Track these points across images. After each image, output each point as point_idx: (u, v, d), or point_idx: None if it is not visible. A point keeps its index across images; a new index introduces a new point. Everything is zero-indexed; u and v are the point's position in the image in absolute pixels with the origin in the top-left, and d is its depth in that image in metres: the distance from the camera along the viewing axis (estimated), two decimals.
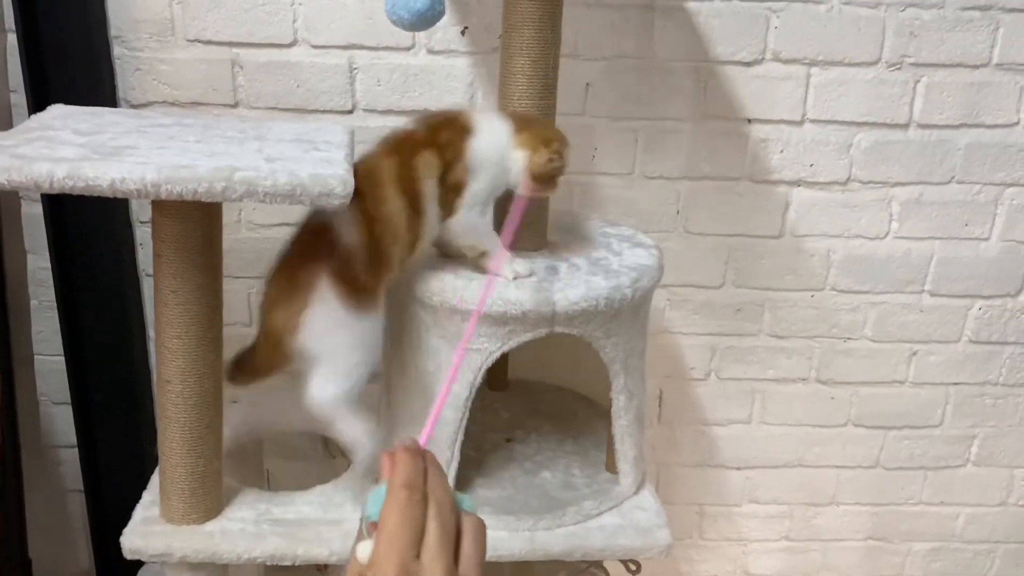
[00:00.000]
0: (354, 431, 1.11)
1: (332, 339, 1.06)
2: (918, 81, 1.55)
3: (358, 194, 1.01)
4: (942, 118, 1.57)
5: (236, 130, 1.14)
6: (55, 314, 1.59)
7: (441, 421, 1.18)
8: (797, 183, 1.61)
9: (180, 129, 1.11)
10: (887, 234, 1.65)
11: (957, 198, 1.63)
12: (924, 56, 1.53)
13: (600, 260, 1.23)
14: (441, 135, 1.12)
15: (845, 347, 1.73)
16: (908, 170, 1.60)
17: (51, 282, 1.57)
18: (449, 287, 1.13)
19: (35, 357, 1.66)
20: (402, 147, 1.11)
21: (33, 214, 1.55)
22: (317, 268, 1.03)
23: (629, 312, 1.19)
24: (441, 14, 1.18)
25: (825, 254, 1.66)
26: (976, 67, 1.55)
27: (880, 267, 1.67)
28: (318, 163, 1.00)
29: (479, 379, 1.16)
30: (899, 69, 1.54)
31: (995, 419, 1.80)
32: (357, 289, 1.05)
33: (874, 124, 1.57)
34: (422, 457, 0.62)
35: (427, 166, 1.09)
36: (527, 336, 1.14)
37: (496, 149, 1.12)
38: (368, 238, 1.05)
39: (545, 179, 1.13)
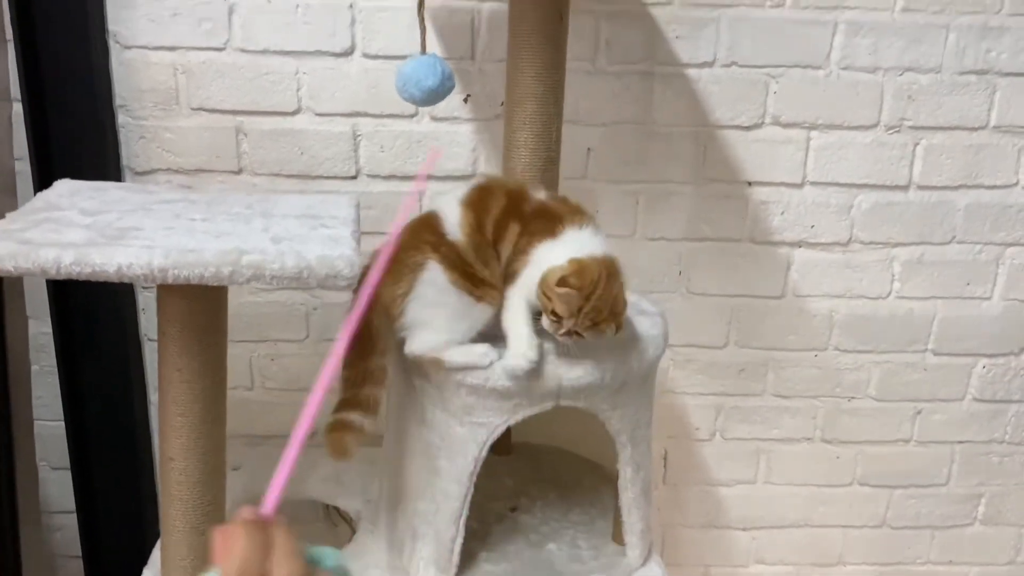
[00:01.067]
0: (468, 358, 1.11)
1: (435, 310, 1.09)
2: (917, 143, 1.56)
3: (473, 204, 1.09)
4: (941, 179, 1.58)
5: (242, 205, 1.14)
6: (56, 379, 1.58)
7: (444, 495, 1.17)
8: (798, 244, 1.61)
9: (186, 206, 1.11)
10: (889, 294, 1.65)
11: (958, 258, 1.63)
12: (922, 119, 1.55)
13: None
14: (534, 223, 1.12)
15: (849, 406, 1.73)
16: (909, 230, 1.61)
17: (52, 347, 1.57)
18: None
19: (35, 422, 1.65)
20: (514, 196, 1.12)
21: (35, 279, 1.55)
22: (424, 250, 1.09)
23: (635, 384, 1.19)
24: (451, 90, 1.20)
25: (828, 314, 1.66)
26: (974, 129, 1.56)
27: (883, 327, 1.67)
28: (325, 242, 1.00)
29: (484, 453, 1.15)
30: (898, 132, 1.55)
31: (1002, 477, 1.79)
32: (466, 275, 1.09)
33: (874, 186, 1.58)
34: (263, 531, 0.53)
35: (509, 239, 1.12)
36: (532, 410, 1.14)
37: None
38: (478, 239, 1.10)
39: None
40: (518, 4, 1.16)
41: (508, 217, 1.11)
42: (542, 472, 1.50)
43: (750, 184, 1.57)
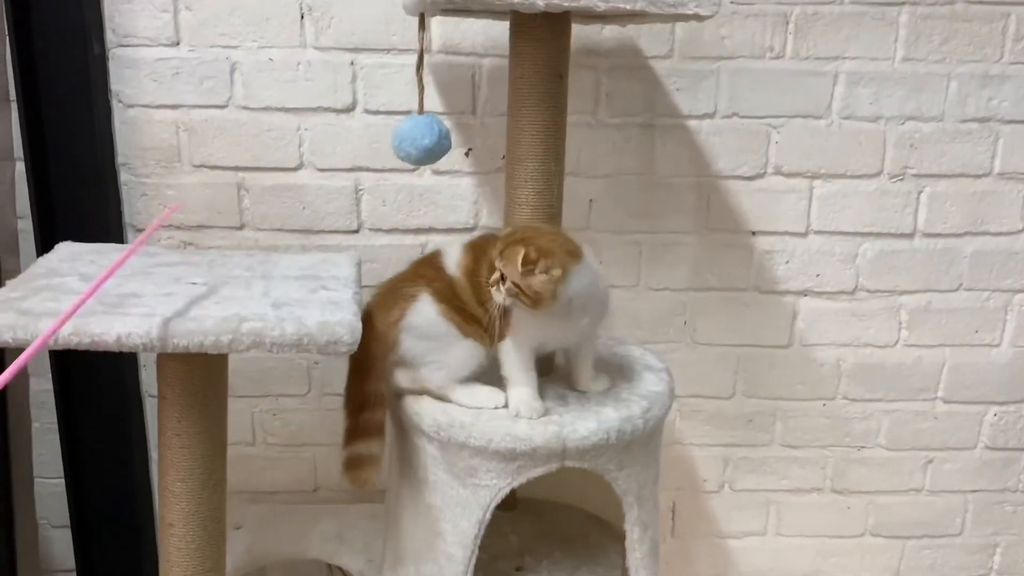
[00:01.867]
0: (475, 400, 1.14)
1: (428, 344, 1.13)
2: (921, 191, 1.56)
3: (474, 248, 1.13)
4: (947, 227, 1.58)
5: (243, 267, 1.14)
6: (56, 436, 1.57)
7: (448, 559, 1.15)
8: (804, 293, 1.60)
9: (186, 269, 1.11)
10: (897, 342, 1.64)
11: (966, 305, 1.62)
12: (926, 167, 1.54)
13: (610, 388, 1.21)
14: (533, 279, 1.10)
15: (859, 456, 1.70)
16: (915, 278, 1.60)
17: (53, 404, 1.56)
18: (456, 422, 1.11)
19: (35, 480, 1.63)
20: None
21: None
22: (420, 283, 1.14)
23: (641, 442, 1.17)
24: (447, 149, 1.20)
25: (835, 363, 1.64)
26: (978, 176, 1.55)
27: (891, 375, 1.65)
28: (326, 307, 0.99)
29: (488, 516, 1.13)
30: (902, 180, 1.55)
31: (1016, 527, 1.76)
32: (456, 309, 1.12)
33: (879, 234, 1.57)
34: None
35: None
36: (537, 471, 1.12)
37: None
38: (474, 280, 1.12)
39: None
40: (518, 64, 1.17)
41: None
42: (547, 529, 1.47)
43: (754, 233, 1.56)
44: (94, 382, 1.55)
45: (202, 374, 1.04)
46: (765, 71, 1.48)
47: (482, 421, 1.11)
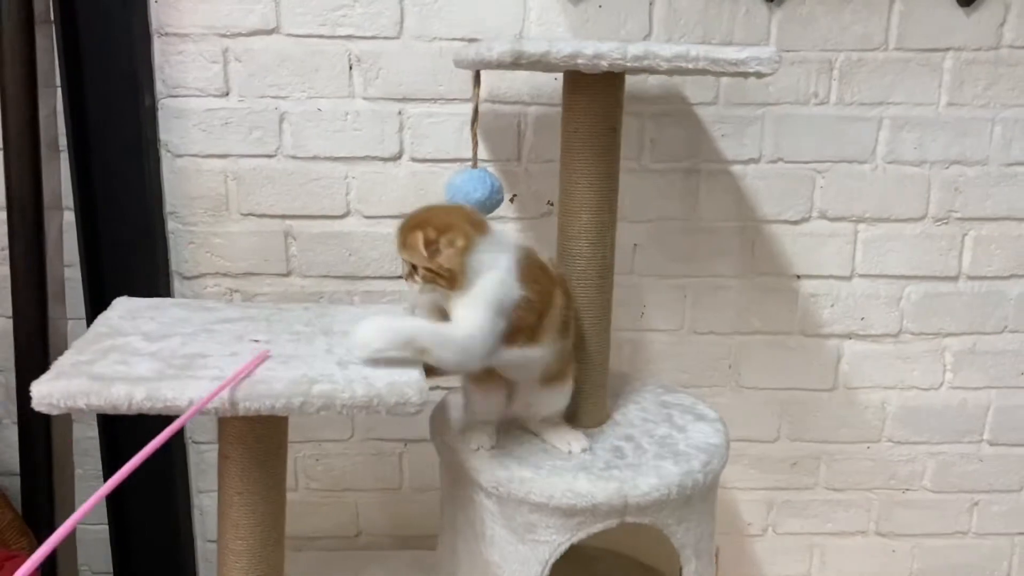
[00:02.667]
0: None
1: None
2: (965, 234, 1.55)
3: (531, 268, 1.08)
4: (991, 270, 1.57)
5: (302, 322, 1.14)
6: (99, 483, 1.57)
7: None
8: (849, 336, 1.59)
9: (247, 324, 1.11)
10: (942, 384, 1.63)
11: (1011, 347, 1.61)
12: (970, 210, 1.54)
13: (666, 439, 1.21)
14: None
15: (904, 498, 1.69)
16: (960, 321, 1.59)
17: (96, 451, 1.56)
18: (516, 478, 1.11)
19: (77, 526, 1.63)
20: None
21: None
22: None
23: (700, 496, 1.16)
24: (499, 203, 1.20)
25: (880, 405, 1.63)
26: (1023, 220, 1.55)
27: (936, 417, 1.64)
28: (391, 366, 0.99)
29: (547, 571, 1.13)
30: (946, 223, 1.54)
31: None
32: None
33: (924, 277, 1.57)
34: None
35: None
36: (597, 527, 1.11)
37: None
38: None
39: None
40: (571, 117, 1.17)
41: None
42: None
43: (799, 277, 1.56)
44: (138, 428, 1.54)
45: (265, 432, 1.04)
46: (810, 117, 1.49)
47: (541, 477, 1.10)
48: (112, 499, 1.55)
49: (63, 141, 1.44)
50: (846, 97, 1.48)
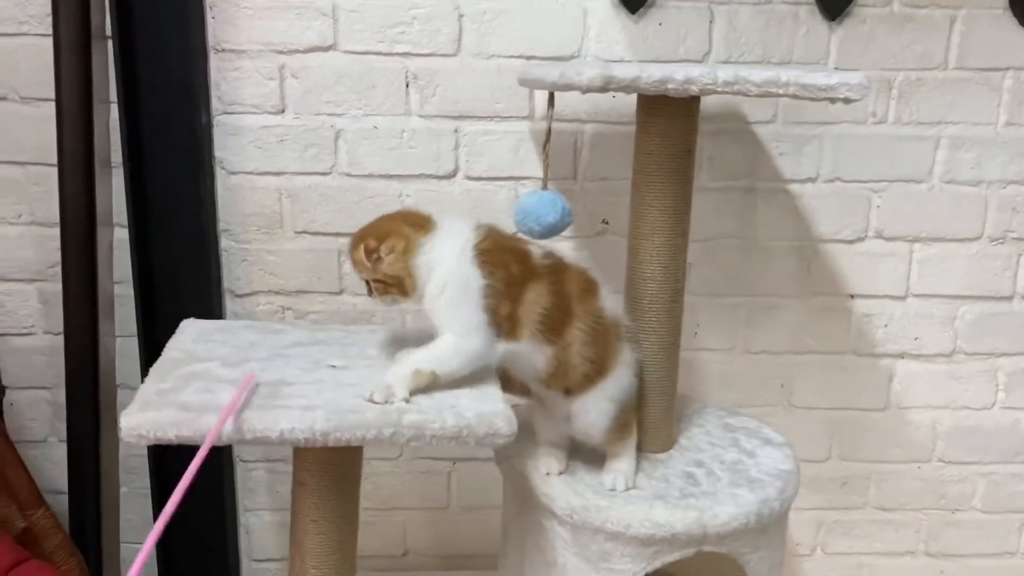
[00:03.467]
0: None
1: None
2: (1021, 254, 1.55)
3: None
4: None
5: (374, 346, 1.12)
6: (145, 501, 1.56)
7: None
8: (901, 356, 1.58)
9: (321, 350, 1.09)
10: (994, 404, 1.62)
11: None
12: None
13: (737, 465, 1.20)
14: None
15: (954, 519, 1.68)
16: (1014, 341, 1.58)
17: (143, 469, 1.54)
18: (592, 506, 1.09)
19: (122, 544, 1.61)
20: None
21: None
22: None
23: (775, 523, 1.15)
24: (568, 225, 1.19)
25: (931, 425, 1.62)
26: None
27: (988, 438, 1.63)
28: (475, 396, 0.97)
29: None
30: (1002, 243, 1.54)
31: None
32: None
33: (978, 297, 1.56)
34: None
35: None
36: (673, 556, 1.10)
37: None
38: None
39: None
40: (646, 140, 1.16)
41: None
42: None
43: (852, 297, 1.55)
44: (186, 446, 1.53)
45: (342, 460, 1.03)
46: (868, 136, 1.48)
47: (618, 505, 1.09)
48: (156, 514, 1.53)
49: (115, 157, 1.42)
50: (904, 116, 1.47)
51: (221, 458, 1.55)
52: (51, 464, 1.57)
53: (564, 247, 1.50)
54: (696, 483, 1.15)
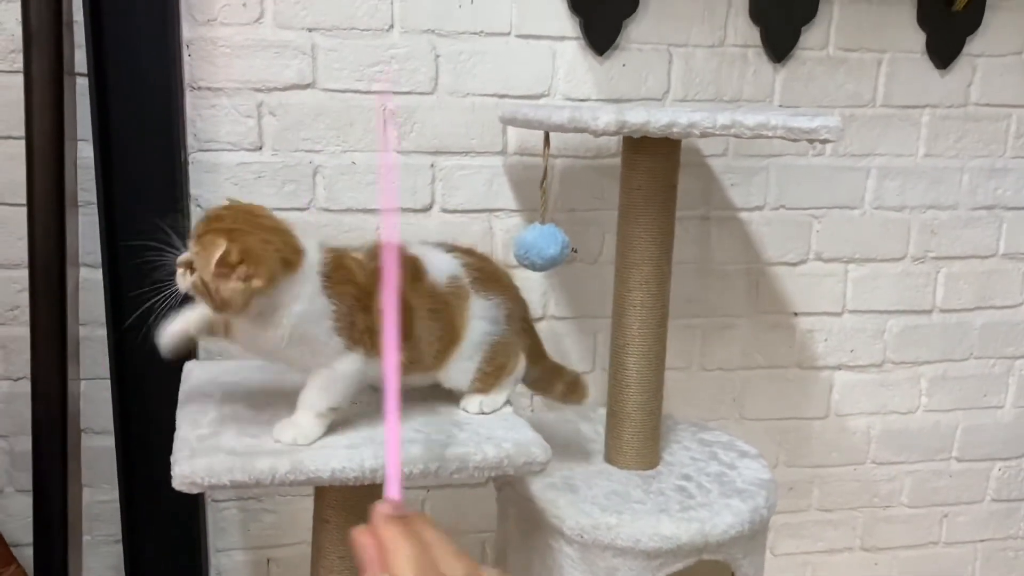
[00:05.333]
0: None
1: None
2: (939, 272, 1.71)
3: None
4: (960, 303, 1.74)
5: None
6: (110, 549, 1.51)
7: None
8: (839, 367, 1.72)
9: None
10: (918, 408, 1.78)
11: (976, 372, 1.78)
12: (943, 250, 1.70)
13: (722, 477, 1.29)
14: None
15: (885, 515, 1.83)
16: (933, 350, 1.75)
17: (108, 516, 1.50)
18: (601, 524, 1.15)
19: None
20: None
21: (96, 447, 1.49)
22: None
23: (762, 530, 1.24)
24: (566, 257, 1.25)
25: (865, 430, 1.77)
26: (986, 257, 1.72)
27: (913, 438, 1.79)
28: (509, 427, 1.02)
29: None
30: (923, 262, 1.70)
31: (1018, 571, 1.92)
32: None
33: (903, 311, 1.72)
34: (413, 527, 0.50)
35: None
36: (676, 566, 1.17)
37: None
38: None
39: None
40: (633, 175, 1.23)
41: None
42: None
43: (796, 314, 1.68)
44: (156, 492, 1.49)
45: (364, 496, 1.04)
46: (808, 167, 1.61)
47: (626, 522, 1.15)
48: (127, 557, 1.49)
49: (83, 195, 1.39)
50: (840, 149, 1.61)
51: (192, 497, 1.52)
52: (8, 516, 1.50)
53: (535, 276, 1.56)
54: (691, 496, 1.23)
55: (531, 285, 1.56)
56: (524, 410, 1.54)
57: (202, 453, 0.89)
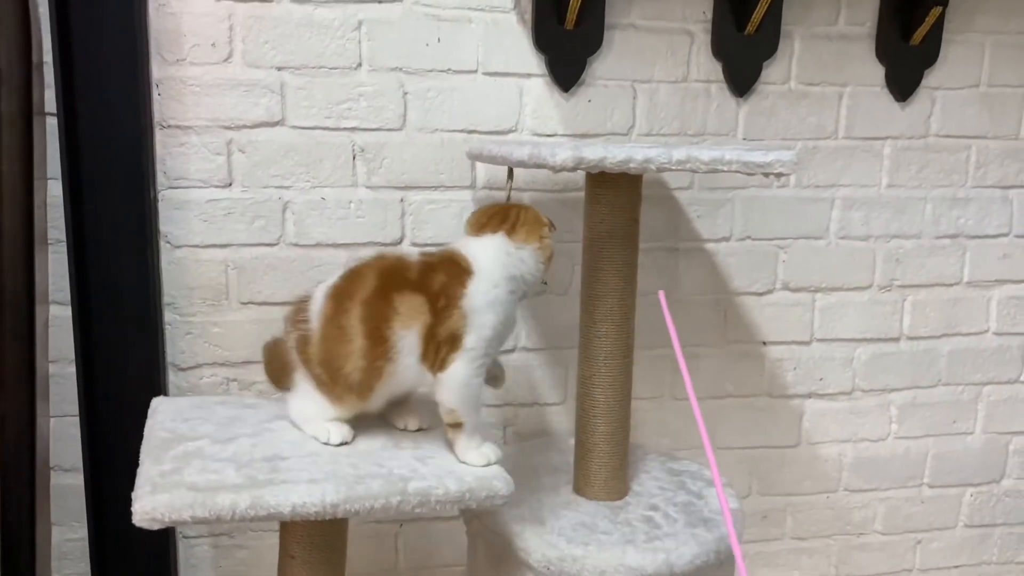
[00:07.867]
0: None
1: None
2: (905, 299, 1.74)
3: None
4: (927, 330, 1.76)
5: None
6: None
7: None
8: (809, 395, 1.74)
9: None
10: (888, 435, 1.80)
11: (945, 399, 1.80)
12: (909, 278, 1.73)
13: (689, 507, 1.29)
14: (435, 279, 1.07)
15: (859, 542, 1.84)
16: (902, 377, 1.77)
17: (76, 555, 1.49)
18: (568, 556, 1.16)
19: None
20: (388, 277, 1.07)
21: (64, 485, 1.49)
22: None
23: (728, 559, 1.25)
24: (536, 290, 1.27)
25: (837, 458, 1.78)
26: (951, 285, 1.75)
27: (885, 465, 1.81)
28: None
29: None
30: (889, 291, 1.73)
31: None
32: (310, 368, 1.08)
33: (871, 339, 1.74)
34: None
35: (410, 315, 1.04)
36: None
37: (500, 275, 1.10)
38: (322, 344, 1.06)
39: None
40: (596, 210, 1.25)
41: (393, 293, 1.05)
42: None
43: (765, 344, 1.70)
44: (126, 532, 1.49)
45: (331, 530, 1.05)
46: (773, 198, 1.64)
47: (592, 553, 1.16)
48: None
49: (52, 233, 1.40)
50: (804, 180, 1.64)
51: (162, 534, 1.51)
52: None
53: None
54: (657, 526, 1.24)
55: None
56: (496, 441, 1.54)
57: (163, 489, 0.89)
